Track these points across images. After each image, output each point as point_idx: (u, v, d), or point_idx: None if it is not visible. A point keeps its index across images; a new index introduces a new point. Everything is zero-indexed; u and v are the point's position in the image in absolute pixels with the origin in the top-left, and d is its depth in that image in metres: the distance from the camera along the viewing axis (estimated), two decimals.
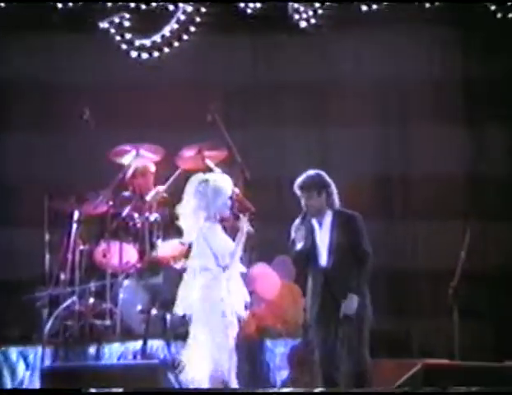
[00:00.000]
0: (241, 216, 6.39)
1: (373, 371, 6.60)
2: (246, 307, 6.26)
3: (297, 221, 6.32)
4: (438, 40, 9.12)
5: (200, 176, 6.34)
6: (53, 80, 8.86)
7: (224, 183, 6.29)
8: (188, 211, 6.23)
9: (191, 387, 5.95)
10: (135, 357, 7.17)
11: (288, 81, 9.22)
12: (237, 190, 7.76)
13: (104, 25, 8.74)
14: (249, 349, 7.30)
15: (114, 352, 7.31)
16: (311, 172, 6.39)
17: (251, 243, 7.67)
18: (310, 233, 6.28)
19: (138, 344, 7.20)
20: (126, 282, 7.82)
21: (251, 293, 7.68)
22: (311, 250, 6.25)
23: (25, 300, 7.97)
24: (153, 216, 7.92)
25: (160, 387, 5.55)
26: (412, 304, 8.97)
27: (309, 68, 9.22)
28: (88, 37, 8.75)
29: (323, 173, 6.42)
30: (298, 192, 6.36)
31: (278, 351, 7.32)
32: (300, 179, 6.36)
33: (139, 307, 7.62)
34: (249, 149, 8.74)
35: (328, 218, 6.29)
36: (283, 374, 7.17)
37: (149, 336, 7.22)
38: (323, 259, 6.25)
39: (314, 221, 6.31)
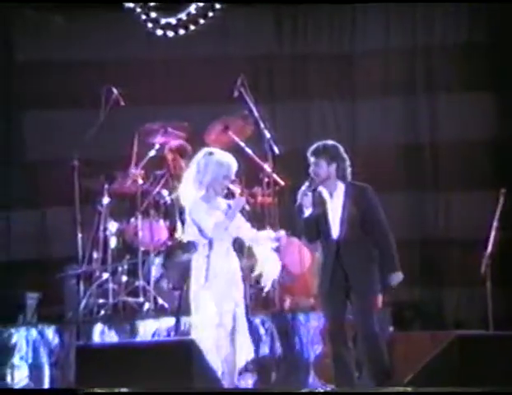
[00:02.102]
0: (237, 191, 6.35)
1: (404, 344, 6.61)
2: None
3: (303, 188, 6.22)
4: (464, 7, 9.01)
5: (207, 149, 6.31)
6: (81, 58, 8.89)
7: (229, 159, 6.24)
8: (187, 180, 6.23)
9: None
10: (169, 334, 7.21)
11: (314, 52, 9.16)
12: (266, 166, 7.77)
13: (129, 4, 8.74)
14: (282, 324, 7.31)
15: (148, 329, 7.34)
16: (328, 142, 6.31)
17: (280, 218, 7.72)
18: (320, 203, 6.20)
19: (171, 321, 7.24)
20: (157, 260, 7.86)
21: (282, 267, 7.74)
22: (321, 221, 6.18)
23: (59, 279, 8.04)
24: None
25: (193, 364, 5.56)
26: (445, 274, 8.93)
27: (336, 39, 9.15)
28: (114, 16, 8.76)
29: (339, 146, 6.32)
30: (310, 158, 6.27)
31: (311, 325, 7.32)
32: (313, 146, 6.31)
33: (171, 284, 7.66)
34: (277, 123, 8.72)
35: (340, 190, 6.21)
36: (316, 348, 7.17)
37: (182, 312, 7.26)
38: (335, 231, 6.19)
39: (325, 192, 6.23)
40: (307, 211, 6.19)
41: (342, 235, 6.17)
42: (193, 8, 8.77)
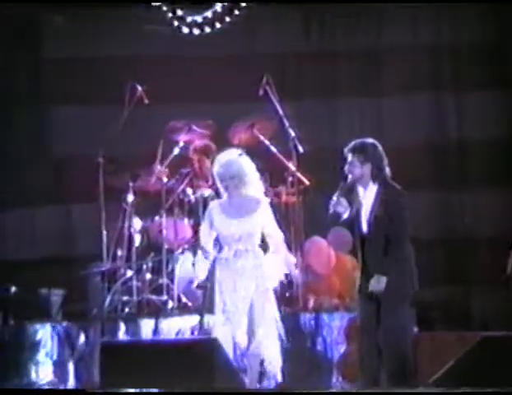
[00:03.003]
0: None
1: (429, 344, 6.55)
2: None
3: (335, 197, 6.15)
4: (491, 5, 8.93)
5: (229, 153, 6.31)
6: (108, 56, 8.93)
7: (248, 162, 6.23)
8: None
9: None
10: (192, 332, 7.21)
11: (341, 50, 9.12)
12: (291, 164, 7.74)
13: (156, 1, 8.76)
14: (306, 323, 7.29)
15: (172, 327, 7.35)
16: (367, 140, 6.24)
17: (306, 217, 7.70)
18: (357, 201, 6.14)
19: (195, 319, 7.24)
20: (181, 258, 7.86)
21: (306, 267, 7.72)
22: (355, 217, 6.13)
23: (84, 276, 8.07)
24: (207, 192, 7.93)
25: (217, 362, 5.55)
26: (471, 274, 8.86)
27: (362, 36, 9.11)
28: (141, 14, 8.77)
29: (378, 145, 6.26)
30: (346, 155, 6.21)
31: (335, 325, 7.29)
32: (351, 143, 6.24)
33: (195, 282, 7.65)
34: (303, 121, 8.68)
35: (371, 191, 6.14)
36: (340, 348, 7.14)
37: (206, 311, 7.25)
38: (364, 228, 6.14)
39: (361, 190, 6.17)
40: (345, 215, 6.14)
41: (368, 233, 6.11)
42: (218, 6, 8.77)
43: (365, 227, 6.14)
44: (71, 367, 7.32)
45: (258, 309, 6.07)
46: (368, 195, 6.16)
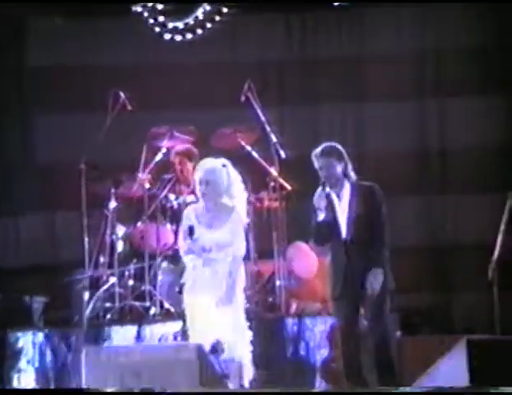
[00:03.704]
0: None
1: (412, 349, 6.56)
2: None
3: (318, 191, 6.18)
4: (474, 10, 8.99)
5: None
6: (88, 63, 8.92)
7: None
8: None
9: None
10: (175, 338, 7.19)
11: (323, 57, 9.15)
12: (273, 170, 7.75)
13: (137, 8, 8.76)
14: (288, 328, 7.29)
15: (155, 334, 7.34)
16: (331, 143, 6.31)
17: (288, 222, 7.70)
18: (330, 206, 6.19)
19: (178, 325, 7.22)
20: (164, 264, 7.85)
21: (289, 272, 7.72)
22: (332, 224, 6.16)
23: (66, 283, 8.04)
24: (189, 198, 7.92)
25: (201, 368, 5.55)
26: (453, 278, 8.90)
27: (344, 43, 9.14)
28: (123, 20, 8.77)
29: (339, 146, 6.31)
30: (318, 160, 6.23)
31: (317, 330, 7.30)
32: (319, 148, 6.29)
33: (177, 288, 7.64)
34: (285, 127, 8.70)
35: (347, 190, 6.20)
36: (323, 352, 7.14)
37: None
38: (343, 232, 6.17)
39: (333, 194, 6.21)
40: (321, 215, 6.16)
41: (350, 236, 6.15)
42: (200, 12, 8.77)
43: (344, 230, 6.17)
44: (53, 374, 7.29)
45: (228, 315, 6.06)
46: (343, 195, 6.20)
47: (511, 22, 8.89)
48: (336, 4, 8.84)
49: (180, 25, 8.78)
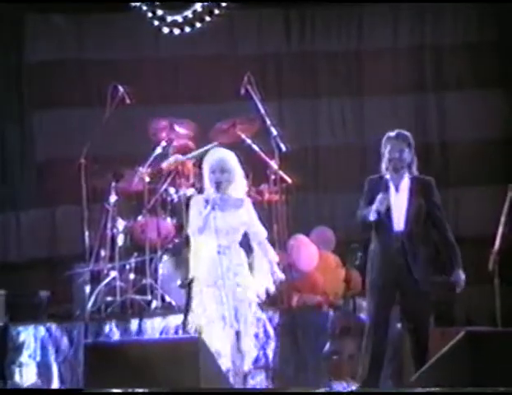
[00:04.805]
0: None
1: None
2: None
3: (375, 177, 6.11)
4: (473, 5, 8.99)
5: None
6: (87, 57, 8.92)
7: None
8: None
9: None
10: (176, 332, 7.20)
11: (323, 50, 9.15)
12: (273, 163, 7.75)
13: (135, 2, 8.75)
14: (289, 321, 7.30)
15: (156, 327, 7.34)
16: (403, 131, 6.28)
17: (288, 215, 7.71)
18: (384, 192, 6.11)
19: (180, 318, 7.22)
20: (165, 257, 7.85)
21: (290, 265, 7.72)
22: (384, 213, 6.09)
23: (67, 277, 8.05)
24: (190, 191, 7.93)
25: (202, 361, 5.55)
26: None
27: (344, 37, 9.14)
28: (120, 14, 8.76)
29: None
30: (391, 143, 6.17)
31: (318, 323, 7.30)
32: (393, 132, 6.25)
33: (179, 281, 7.66)
34: (284, 120, 8.70)
35: (406, 182, 6.16)
36: (324, 345, 7.14)
37: (190, 310, 7.23)
38: (400, 224, 6.11)
39: (391, 184, 6.16)
40: (376, 202, 6.06)
41: (408, 229, 6.09)
42: (198, 6, 8.77)
43: (401, 221, 6.09)
44: (55, 368, 7.30)
45: (241, 309, 6.07)
46: (402, 187, 6.15)
47: (510, 17, 8.89)
48: None
49: (179, 18, 8.78)
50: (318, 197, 9.01)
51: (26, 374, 7.26)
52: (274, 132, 7.66)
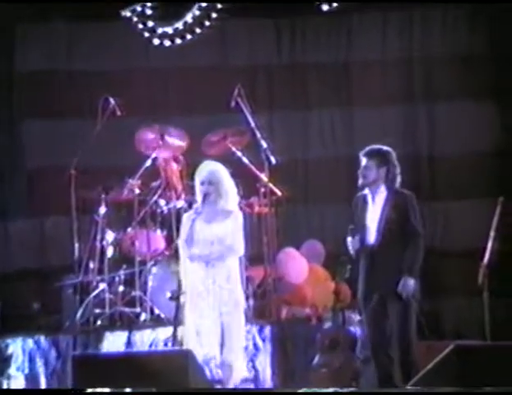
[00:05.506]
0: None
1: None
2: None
3: (350, 236, 6.24)
4: (464, 15, 9.02)
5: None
6: (77, 68, 8.92)
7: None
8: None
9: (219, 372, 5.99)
10: (166, 344, 7.19)
11: (313, 62, 9.16)
12: (263, 175, 7.76)
13: (126, 13, 8.76)
14: (279, 333, 7.29)
15: (145, 339, 7.33)
16: (383, 147, 6.36)
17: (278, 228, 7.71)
18: (362, 207, 6.19)
19: (169, 331, 7.21)
20: (154, 269, 7.84)
21: (280, 278, 7.72)
22: (359, 225, 6.18)
23: (56, 289, 8.02)
24: (180, 203, 7.93)
25: (191, 373, 5.55)
26: (443, 284, 8.91)
27: (334, 49, 9.16)
28: (111, 26, 8.77)
29: (392, 152, 6.34)
30: (361, 160, 6.29)
31: (307, 336, 7.29)
32: (367, 148, 6.33)
33: (168, 294, 7.64)
34: (274, 133, 8.71)
35: (382, 195, 6.21)
36: (313, 358, 7.13)
37: (179, 323, 7.23)
38: (371, 237, 6.17)
39: (369, 198, 6.23)
40: (355, 217, 6.20)
41: (378, 240, 6.13)
42: (189, 17, 8.78)
43: (372, 235, 6.15)
44: (43, 381, 7.27)
45: (229, 321, 6.07)
46: (377, 201, 6.18)
47: (500, 29, 8.93)
48: (325, 9, 8.84)
49: (169, 30, 8.79)
50: (307, 210, 9.01)
51: (14, 387, 7.22)
52: (264, 144, 7.68)
